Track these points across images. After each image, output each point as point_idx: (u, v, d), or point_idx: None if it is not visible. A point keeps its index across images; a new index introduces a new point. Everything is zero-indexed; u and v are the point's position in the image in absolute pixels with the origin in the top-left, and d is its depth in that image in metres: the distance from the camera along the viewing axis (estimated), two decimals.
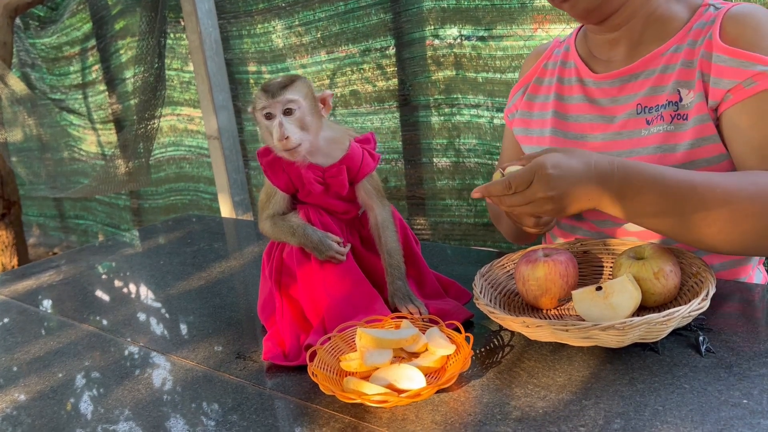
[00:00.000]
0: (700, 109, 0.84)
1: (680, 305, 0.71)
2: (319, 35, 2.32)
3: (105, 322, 0.99)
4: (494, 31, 1.93)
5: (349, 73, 2.31)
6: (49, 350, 0.91)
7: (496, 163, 1.22)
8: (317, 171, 0.83)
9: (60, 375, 0.83)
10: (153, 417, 0.70)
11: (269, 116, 0.80)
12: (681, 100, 0.86)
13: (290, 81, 0.81)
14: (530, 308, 0.84)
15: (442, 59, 2.06)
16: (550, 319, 0.81)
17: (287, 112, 0.80)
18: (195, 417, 0.69)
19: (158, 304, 1.05)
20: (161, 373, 0.80)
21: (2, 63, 3.08)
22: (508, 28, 1.91)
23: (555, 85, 1.02)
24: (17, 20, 3.46)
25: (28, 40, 3.68)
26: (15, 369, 0.86)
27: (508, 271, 0.90)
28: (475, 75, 2.00)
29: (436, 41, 2.06)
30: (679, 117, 0.86)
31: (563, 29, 1.78)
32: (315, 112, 0.82)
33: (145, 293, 1.11)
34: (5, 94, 2.99)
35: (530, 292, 0.81)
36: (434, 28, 2.05)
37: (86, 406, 0.74)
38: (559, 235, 1.06)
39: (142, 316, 1.01)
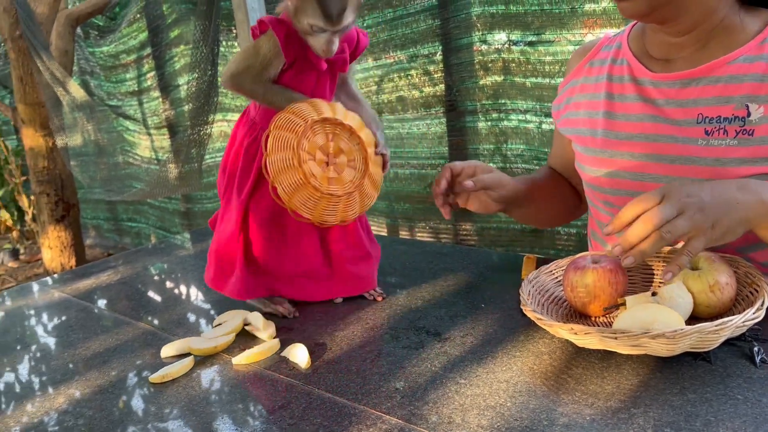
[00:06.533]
0: None
1: (735, 314, 0.70)
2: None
3: (159, 321, 1.03)
4: (543, 36, 1.92)
5: (397, 79, 2.32)
6: (108, 347, 0.94)
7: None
8: None
9: (118, 371, 0.86)
10: (204, 414, 0.72)
11: (322, 30, 0.85)
12: (749, 115, 0.83)
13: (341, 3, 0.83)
14: (579, 315, 0.84)
15: (489, 64, 2.05)
16: (599, 326, 0.80)
17: (339, 33, 0.85)
18: (244, 415, 0.71)
19: (208, 306, 1.08)
20: (212, 371, 0.83)
21: (64, 71, 3.21)
22: (558, 32, 1.89)
23: (605, 83, 0.99)
24: (78, 30, 3.60)
25: (87, 49, 3.82)
26: (78, 364, 0.90)
27: (557, 277, 0.90)
28: (523, 80, 1.99)
29: (484, 46, 2.06)
30: (744, 132, 0.84)
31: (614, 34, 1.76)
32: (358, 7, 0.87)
33: (196, 294, 1.15)
34: (66, 100, 3.12)
35: (579, 298, 0.81)
36: (482, 34, 2.05)
37: (139, 403, 0.77)
38: (607, 239, 1.04)
39: (192, 317, 1.04)
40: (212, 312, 1.04)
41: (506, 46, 2.00)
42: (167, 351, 0.87)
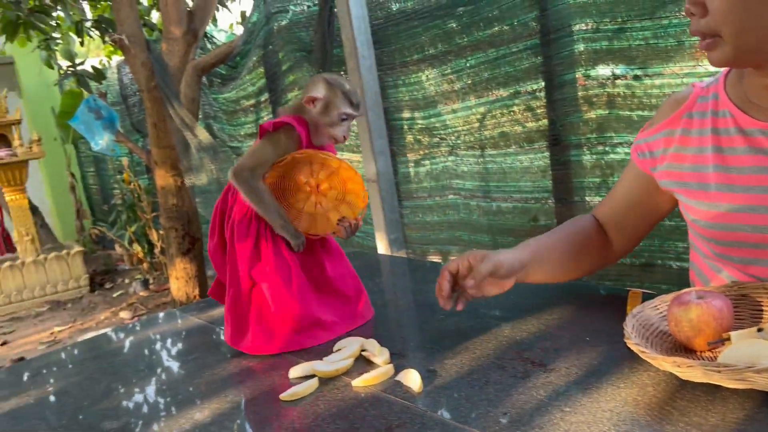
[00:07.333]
0: None
1: None
2: (469, 81, 2.42)
3: None
4: (649, 69, 1.92)
5: (499, 115, 2.38)
6: (241, 368, 1.06)
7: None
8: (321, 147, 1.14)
9: (252, 389, 0.97)
10: (329, 429, 0.81)
11: (345, 118, 1.09)
12: None
13: (357, 94, 1.10)
14: (683, 349, 0.85)
15: (594, 99, 2.07)
16: (704, 360, 0.82)
17: (357, 117, 1.12)
18: None
19: None
20: (334, 391, 0.91)
21: (191, 117, 3.52)
22: (664, 65, 1.88)
23: (710, 137, 0.98)
24: (203, 79, 3.94)
25: (211, 96, 4.17)
26: (216, 382, 1.02)
27: (661, 312, 0.91)
28: (629, 113, 1.99)
29: (588, 81, 2.08)
30: None
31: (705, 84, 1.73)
32: None
33: None
34: (194, 143, 3.42)
35: (683, 333, 0.83)
36: (586, 70, 2.07)
37: (272, 418, 0.87)
38: (708, 274, 1.04)
39: None
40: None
41: (611, 80, 2.02)
42: (294, 372, 0.97)
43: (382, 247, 2.60)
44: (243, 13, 4.92)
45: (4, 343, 4.10)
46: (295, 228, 1.11)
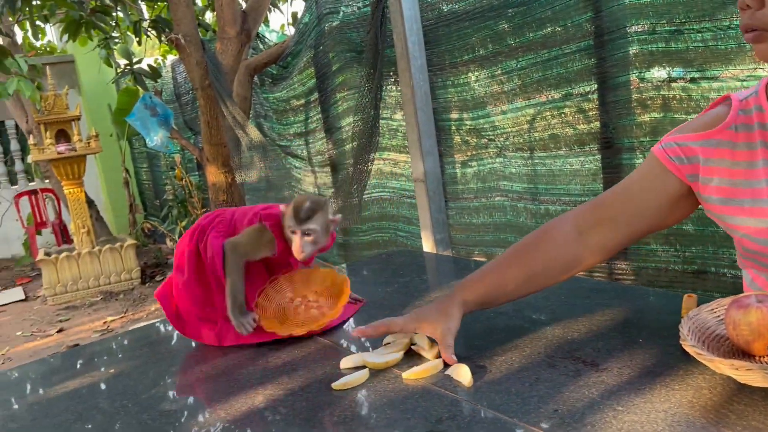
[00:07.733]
0: None
1: None
2: (519, 83, 2.41)
3: (336, 337, 1.16)
4: (707, 72, 1.88)
5: (549, 117, 2.36)
6: (295, 357, 1.08)
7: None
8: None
9: (305, 378, 0.99)
10: (382, 418, 0.82)
11: (293, 232, 1.16)
12: None
13: (313, 212, 1.15)
14: (741, 354, 0.84)
15: (648, 102, 2.03)
16: (763, 364, 0.80)
17: (306, 234, 1.15)
18: (416, 422, 0.80)
19: None
20: (385, 383, 0.93)
21: (243, 115, 3.59)
22: (723, 68, 1.84)
23: (760, 151, 0.93)
24: (255, 78, 4.02)
25: (262, 95, 4.24)
26: (270, 371, 1.05)
27: (718, 315, 0.90)
28: (685, 117, 1.95)
29: (643, 84, 2.05)
30: None
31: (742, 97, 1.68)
32: (327, 230, 1.19)
33: (366, 315, 1.26)
34: (245, 141, 3.49)
35: (741, 336, 0.81)
36: (640, 72, 2.04)
37: (324, 406, 0.89)
38: (762, 286, 1.01)
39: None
40: None
41: (666, 82, 1.98)
42: (346, 363, 0.99)
43: (428, 246, 2.60)
44: (294, 14, 5.01)
45: (60, 330, 4.26)
46: (241, 313, 1.19)
